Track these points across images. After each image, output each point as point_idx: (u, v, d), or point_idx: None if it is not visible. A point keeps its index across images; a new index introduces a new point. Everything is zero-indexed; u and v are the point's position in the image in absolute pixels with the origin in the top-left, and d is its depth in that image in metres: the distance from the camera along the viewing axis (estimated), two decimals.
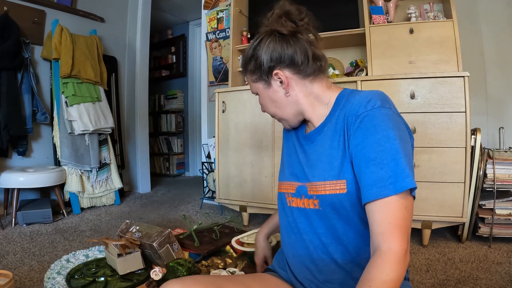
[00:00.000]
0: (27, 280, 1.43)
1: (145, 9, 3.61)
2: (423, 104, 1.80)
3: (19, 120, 2.52)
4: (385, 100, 0.65)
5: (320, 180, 0.70)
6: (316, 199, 0.70)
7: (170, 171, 4.80)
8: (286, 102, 0.76)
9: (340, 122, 0.69)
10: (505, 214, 1.77)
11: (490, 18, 2.29)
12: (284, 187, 0.80)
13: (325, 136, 0.73)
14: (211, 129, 3.06)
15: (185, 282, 0.67)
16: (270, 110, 0.80)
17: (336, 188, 0.66)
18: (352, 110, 0.66)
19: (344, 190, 0.66)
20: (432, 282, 1.40)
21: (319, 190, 0.69)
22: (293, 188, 0.77)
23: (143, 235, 1.42)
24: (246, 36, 2.63)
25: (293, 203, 0.77)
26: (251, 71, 0.77)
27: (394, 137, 0.60)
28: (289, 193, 0.78)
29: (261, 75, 0.76)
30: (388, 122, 0.61)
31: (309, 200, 0.72)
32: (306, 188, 0.73)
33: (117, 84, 3.42)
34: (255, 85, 0.79)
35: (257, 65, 0.75)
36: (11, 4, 2.58)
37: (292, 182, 0.78)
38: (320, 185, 0.69)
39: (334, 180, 0.67)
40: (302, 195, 0.74)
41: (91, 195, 2.81)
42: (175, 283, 0.67)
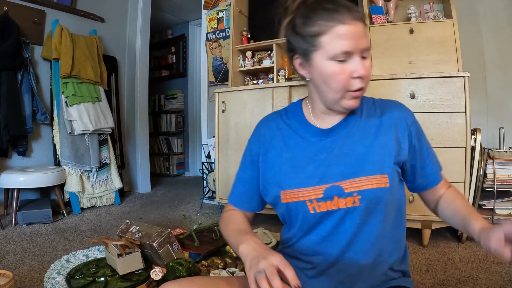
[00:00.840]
0: (27, 280, 1.43)
1: (145, 9, 3.61)
2: (423, 104, 1.79)
3: (19, 120, 2.52)
4: None
5: (363, 175, 0.68)
6: (358, 195, 0.68)
7: (170, 171, 4.80)
8: None
9: (385, 121, 0.73)
10: (505, 214, 1.77)
11: (490, 18, 2.29)
12: (303, 194, 0.71)
13: (352, 131, 0.73)
14: (211, 129, 3.06)
15: (182, 284, 0.67)
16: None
17: (382, 182, 0.68)
18: (400, 110, 0.75)
19: (387, 184, 0.68)
20: (432, 282, 1.40)
21: (362, 185, 0.68)
22: (320, 193, 0.70)
23: (143, 235, 1.42)
24: (246, 36, 2.63)
25: (321, 208, 0.70)
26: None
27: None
28: (312, 199, 0.70)
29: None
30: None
31: (346, 198, 0.68)
32: (341, 188, 0.69)
33: (117, 84, 3.42)
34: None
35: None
36: (11, 4, 2.58)
37: (316, 186, 0.70)
38: (365, 180, 0.68)
39: (379, 175, 0.68)
40: (334, 196, 0.69)
41: (91, 195, 2.81)
42: (172, 284, 0.67)
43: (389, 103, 0.77)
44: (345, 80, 0.65)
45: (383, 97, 0.81)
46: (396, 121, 0.73)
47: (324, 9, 0.64)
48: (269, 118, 0.85)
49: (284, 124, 0.80)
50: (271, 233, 1.75)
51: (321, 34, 0.64)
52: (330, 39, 0.63)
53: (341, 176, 0.69)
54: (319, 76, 0.68)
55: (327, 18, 0.64)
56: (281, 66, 2.47)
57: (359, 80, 0.66)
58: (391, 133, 0.72)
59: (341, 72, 0.65)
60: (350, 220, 0.69)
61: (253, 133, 0.85)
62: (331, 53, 0.64)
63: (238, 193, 0.85)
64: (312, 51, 0.67)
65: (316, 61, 0.67)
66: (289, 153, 0.76)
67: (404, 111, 0.75)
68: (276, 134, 0.80)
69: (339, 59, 0.64)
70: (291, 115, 0.81)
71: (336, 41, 0.63)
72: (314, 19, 0.65)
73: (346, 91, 0.67)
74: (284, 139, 0.78)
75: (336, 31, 0.63)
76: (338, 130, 0.74)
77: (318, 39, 0.65)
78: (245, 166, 0.84)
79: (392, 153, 0.70)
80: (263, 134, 0.82)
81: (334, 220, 0.70)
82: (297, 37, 0.69)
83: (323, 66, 0.66)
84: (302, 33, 0.67)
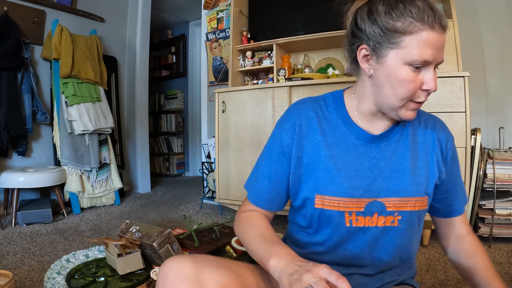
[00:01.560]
0: (27, 280, 1.43)
1: (145, 9, 3.61)
2: (423, 104, 1.79)
3: (19, 120, 2.52)
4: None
5: (409, 196, 0.64)
6: (399, 215, 0.64)
7: (170, 171, 4.80)
8: None
9: (429, 138, 0.70)
10: (505, 214, 1.77)
11: (490, 18, 2.29)
12: (344, 204, 0.64)
13: (400, 143, 0.68)
14: (211, 129, 3.06)
15: (197, 261, 0.58)
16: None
17: (423, 204, 0.66)
18: (444, 132, 0.72)
19: (425, 206, 0.67)
20: (432, 282, 1.40)
21: (407, 206, 0.64)
22: (361, 206, 0.64)
23: (143, 235, 1.42)
24: (246, 36, 2.63)
25: (358, 223, 0.65)
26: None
27: None
28: (352, 212, 0.64)
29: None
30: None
31: (386, 217, 0.64)
32: (383, 205, 0.64)
33: (117, 84, 3.42)
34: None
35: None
36: (11, 4, 2.58)
37: (360, 199, 0.64)
38: (409, 200, 0.64)
39: (421, 197, 0.66)
40: (375, 213, 0.64)
41: (91, 195, 2.81)
42: (186, 259, 0.58)
43: (433, 120, 0.73)
44: (415, 89, 0.59)
45: None
46: (440, 142, 0.70)
47: (415, 6, 0.56)
48: (306, 105, 0.72)
49: (324, 117, 0.70)
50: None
51: (406, 33, 0.56)
52: (415, 42, 0.56)
53: (386, 193, 0.64)
54: (387, 77, 0.60)
55: (418, 18, 0.56)
56: (281, 66, 2.47)
57: (426, 93, 0.61)
58: (433, 153, 0.69)
59: (414, 81, 0.58)
60: (386, 240, 0.66)
61: (286, 118, 0.72)
62: (411, 58, 0.57)
63: (262, 190, 0.72)
64: (389, 48, 0.58)
65: (389, 60, 0.59)
66: (328, 151, 0.67)
67: (447, 132, 0.72)
68: (313, 125, 0.69)
69: (416, 65, 0.57)
70: (331, 108, 0.71)
71: (421, 47, 0.56)
72: (402, 13, 0.56)
73: (410, 101, 0.61)
74: (323, 133, 0.68)
75: (424, 35, 0.56)
76: (386, 139, 0.68)
77: (400, 37, 0.57)
78: (271, 159, 0.72)
79: (434, 175, 0.68)
80: (299, 123, 0.69)
81: (368, 237, 0.66)
82: (373, 25, 0.59)
83: (397, 68, 0.58)
84: (382, 24, 0.58)
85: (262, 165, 0.73)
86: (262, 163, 0.74)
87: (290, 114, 0.72)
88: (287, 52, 2.58)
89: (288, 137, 0.69)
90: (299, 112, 0.71)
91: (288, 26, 2.43)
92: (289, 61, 2.51)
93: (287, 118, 0.72)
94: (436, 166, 0.69)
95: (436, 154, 0.69)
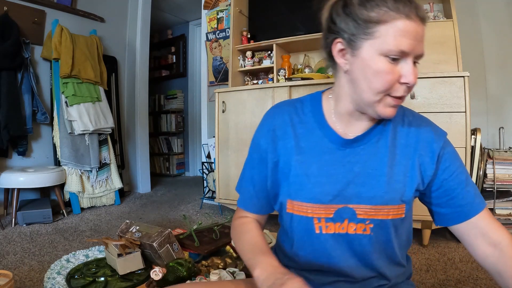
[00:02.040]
0: (27, 280, 1.43)
1: (145, 9, 3.61)
2: (423, 104, 1.80)
3: (19, 120, 2.52)
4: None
5: (382, 204, 0.61)
6: (371, 223, 0.62)
7: (170, 171, 4.80)
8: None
9: (411, 141, 0.64)
10: (505, 214, 1.77)
11: (490, 18, 2.29)
12: (312, 210, 0.63)
13: (378, 146, 0.64)
14: (211, 129, 3.06)
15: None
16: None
17: (398, 213, 0.63)
18: (431, 132, 0.65)
19: (402, 214, 0.63)
20: (432, 282, 1.40)
21: (378, 214, 0.62)
22: (331, 212, 0.63)
23: (143, 235, 1.42)
24: (246, 36, 2.63)
25: (328, 229, 0.63)
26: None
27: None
28: (321, 218, 0.63)
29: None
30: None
31: (357, 224, 0.62)
32: (354, 211, 0.62)
33: (117, 84, 3.42)
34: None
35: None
36: (11, 4, 2.58)
37: (328, 205, 0.63)
38: (382, 208, 0.62)
39: (396, 205, 0.62)
40: (345, 219, 0.63)
41: (91, 195, 2.81)
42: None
43: (419, 121, 0.67)
44: (392, 82, 0.56)
45: None
46: (426, 143, 0.64)
47: (395, 0, 0.55)
48: (282, 109, 0.71)
49: (299, 120, 0.68)
50: (271, 233, 1.75)
51: (380, 22, 0.54)
52: (390, 32, 0.54)
53: (358, 199, 0.62)
54: (362, 70, 0.57)
55: (393, 7, 0.54)
56: (281, 66, 2.47)
57: (405, 87, 0.57)
58: (415, 157, 0.64)
59: (390, 72, 0.55)
60: (360, 248, 0.64)
61: (261, 125, 0.72)
62: (386, 48, 0.54)
63: (248, 195, 0.74)
64: (363, 39, 0.56)
65: (364, 52, 0.56)
66: (300, 157, 0.65)
67: (436, 132, 0.66)
68: (287, 130, 0.68)
69: (392, 56, 0.55)
70: (307, 110, 0.69)
71: (397, 36, 0.53)
72: (377, 3, 0.55)
73: (387, 95, 0.57)
74: (296, 138, 0.67)
75: (399, 24, 0.53)
76: (362, 142, 0.64)
77: (375, 27, 0.54)
78: (252, 165, 0.73)
79: (415, 181, 0.63)
80: (273, 128, 0.69)
81: (341, 245, 0.64)
82: (347, 18, 0.57)
83: (372, 60, 0.56)
84: (356, 15, 0.56)
85: (246, 171, 0.75)
86: (246, 169, 0.75)
87: (266, 119, 0.72)
88: (287, 52, 2.58)
89: (264, 142, 0.69)
90: (274, 117, 0.70)
91: (288, 26, 2.43)
92: (289, 61, 2.51)
93: (263, 124, 0.71)
94: (419, 171, 0.64)
95: (419, 157, 0.64)
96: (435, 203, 0.66)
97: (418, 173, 0.64)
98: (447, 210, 0.65)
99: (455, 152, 0.66)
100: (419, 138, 0.65)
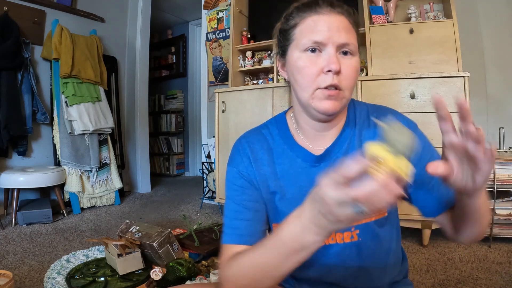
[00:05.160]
0: (27, 280, 1.43)
1: (145, 9, 3.61)
2: (423, 104, 1.79)
3: (19, 120, 2.52)
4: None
5: None
6: (356, 229, 0.63)
7: (170, 171, 4.80)
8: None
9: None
10: (505, 214, 1.77)
11: (490, 18, 2.29)
12: None
13: (348, 153, 0.63)
14: (211, 129, 3.06)
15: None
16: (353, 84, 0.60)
17: (380, 213, 0.63)
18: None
19: (385, 213, 0.64)
20: (432, 282, 1.40)
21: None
22: None
23: (143, 235, 1.42)
24: (246, 36, 2.63)
25: None
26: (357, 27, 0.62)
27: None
28: None
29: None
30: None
31: (343, 233, 0.63)
32: None
33: (117, 84, 3.42)
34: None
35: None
36: (11, 4, 2.58)
37: None
38: None
39: None
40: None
41: (91, 195, 2.81)
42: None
43: (382, 113, 0.66)
44: (315, 74, 0.56)
45: (383, 97, 0.78)
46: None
47: (305, 4, 0.61)
48: (249, 138, 0.70)
49: (268, 146, 0.67)
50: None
51: (296, 25, 0.60)
52: (304, 29, 0.59)
53: None
54: (291, 73, 0.61)
55: (302, 9, 0.60)
56: None
57: (332, 75, 0.55)
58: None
59: (311, 65, 0.57)
60: (351, 255, 0.64)
61: (233, 155, 0.70)
62: (302, 43, 0.58)
63: (244, 227, 0.63)
64: (287, 45, 0.62)
65: (289, 56, 0.61)
66: (277, 182, 0.64)
67: (399, 118, 0.64)
68: (259, 157, 0.67)
69: (310, 48, 0.57)
70: (275, 134, 0.68)
71: (307, 31, 0.58)
72: (292, 13, 0.62)
73: (317, 89, 0.57)
74: (270, 164, 0.66)
75: (308, 21, 0.58)
76: (331, 154, 0.64)
77: (292, 31, 0.61)
78: (240, 192, 0.66)
79: None
80: (247, 156, 0.67)
81: (333, 255, 0.64)
82: (279, 35, 0.65)
83: (295, 60, 0.59)
84: (283, 29, 0.63)
85: (230, 207, 0.66)
86: (229, 206, 0.67)
87: (236, 151, 0.70)
88: None
89: (243, 168, 0.67)
90: (244, 146, 0.69)
91: None
92: None
93: (235, 155, 0.69)
94: None
95: None
96: (416, 195, 0.63)
97: None
98: (428, 202, 0.62)
99: (425, 139, 0.63)
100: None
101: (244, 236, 0.62)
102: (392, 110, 0.68)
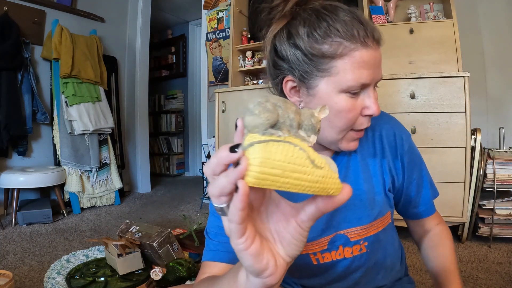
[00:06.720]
0: (27, 280, 1.43)
1: (145, 9, 3.61)
2: (423, 104, 1.79)
3: (19, 120, 2.52)
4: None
5: (370, 221, 0.60)
6: (365, 242, 0.61)
7: (170, 171, 4.80)
8: None
9: (378, 147, 0.62)
10: (505, 214, 1.77)
11: (490, 18, 2.29)
12: (305, 248, 0.59)
13: (350, 166, 0.61)
14: (211, 129, 3.06)
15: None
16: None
17: (385, 221, 0.62)
18: (391, 129, 0.63)
19: (389, 221, 0.64)
20: (432, 282, 1.40)
21: (369, 232, 0.60)
22: (324, 244, 0.60)
23: (143, 235, 1.42)
24: (246, 36, 2.63)
25: (325, 259, 0.61)
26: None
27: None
28: (317, 252, 0.60)
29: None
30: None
31: (352, 247, 0.61)
32: (346, 236, 0.60)
33: (117, 84, 3.42)
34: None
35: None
36: (11, 4, 2.58)
37: (319, 239, 0.60)
38: (372, 225, 0.60)
39: (382, 216, 0.61)
40: (339, 246, 0.60)
41: (91, 195, 2.81)
42: None
43: (380, 124, 0.64)
44: (355, 118, 0.52)
45: (383, 97, 0.78)
46: (387, 143, 0.62)
47: (342, 22, 0.48)
48: None
49: None
50: None
51: (336, 56, 0.48)
52: (348, 66, 0.48)
53: (347, 223, 0.59)
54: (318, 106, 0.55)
55: (347, 36, 0.47)
56: None
57: (368, 119, 0.53)
58: (385, 161, 0.62)
59: (352, 109, 0.50)
60: (359, 267, 0.63)
61: None
62: (346, 85, 0.48)
63: (228, 243, 0.55)
64: (318, 76, 0.50)
65: (321, 91, 0.50)
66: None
67: (394, 129, 0.63)
68: None
69: (353, 91, 0.49)
70: None
71: (355, 70, 0.48)
72: (327, 33, 0.47)
73: (350, 130, 0.53)
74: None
75: (357, 56, 0.47)
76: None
77: (330, 62, 0.48)
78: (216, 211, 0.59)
79: (390, 185, 0.63)
80: None
81: (340, 269, 0.62)
82: (296, 52, 0.50)
83: (331, 98, 0.50)
84: (306, 50, 0.49)
85: (216, 221, 0.59)
86: (215, 221, 0.59)
87: None
88: None
89: None
90: None
91: None
92: None
93: None
94: (390, 173, 0.62)
95: (388, 158, 0.62)
96: (396, 200, 0.68)
97: (390, 176, 0.63)
98: (407, 209, 0.69)
99: (415, 149, 0.66)
100: (382, 137, 0.63)
101: (230, 253, 0.54)
102: (386, 118, 0.66)
